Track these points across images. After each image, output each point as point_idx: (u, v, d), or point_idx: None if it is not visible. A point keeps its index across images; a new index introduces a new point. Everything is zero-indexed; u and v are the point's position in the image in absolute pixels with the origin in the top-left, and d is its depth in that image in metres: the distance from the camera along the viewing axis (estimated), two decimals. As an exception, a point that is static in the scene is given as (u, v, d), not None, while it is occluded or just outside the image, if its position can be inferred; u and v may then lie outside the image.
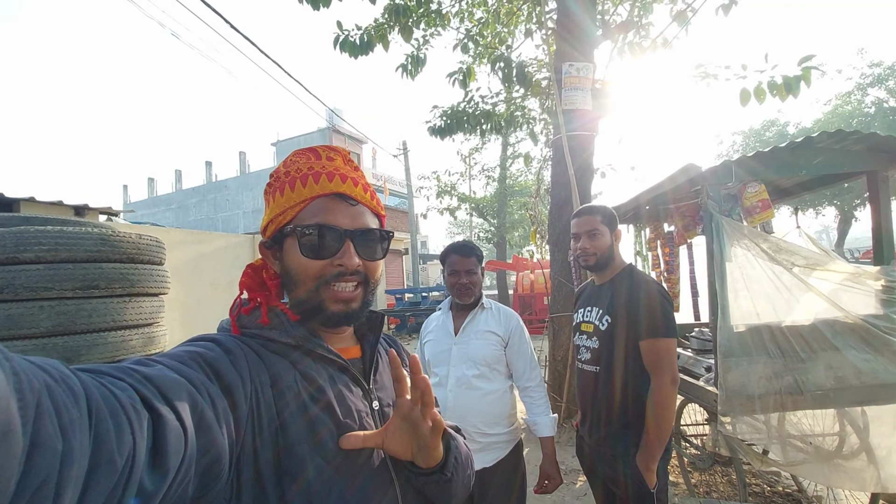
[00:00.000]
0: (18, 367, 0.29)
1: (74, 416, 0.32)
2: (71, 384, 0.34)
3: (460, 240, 1.94)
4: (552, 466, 1.77)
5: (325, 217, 0.68)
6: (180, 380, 0.48)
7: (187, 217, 23.86)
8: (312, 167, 0.70)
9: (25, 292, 2.62)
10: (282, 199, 0.69)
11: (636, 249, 4.37)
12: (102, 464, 0.34)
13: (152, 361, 0.51)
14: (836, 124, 14.87)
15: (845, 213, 17.41)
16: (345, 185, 0.70)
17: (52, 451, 0.29)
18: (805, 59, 3.38)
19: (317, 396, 0.64)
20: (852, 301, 2.24)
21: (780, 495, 2.87)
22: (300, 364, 0.66)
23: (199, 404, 0.48)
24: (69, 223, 3.00)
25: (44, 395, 0.30)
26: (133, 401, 0.40)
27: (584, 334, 1.80)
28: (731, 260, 2.30)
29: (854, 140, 2.26)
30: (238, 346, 0.62)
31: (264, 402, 0.59)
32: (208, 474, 0.49)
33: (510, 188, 15.35)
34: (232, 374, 0.57)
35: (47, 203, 4.44)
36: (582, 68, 4.10)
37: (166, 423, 0.42)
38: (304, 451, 0.60)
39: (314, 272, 0.67)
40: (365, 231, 0.71)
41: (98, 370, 0.43)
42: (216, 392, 0.53)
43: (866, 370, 2.14)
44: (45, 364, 0.34)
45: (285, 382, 0.62)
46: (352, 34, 4.92)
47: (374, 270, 0.73)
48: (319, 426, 0.62)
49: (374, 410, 0.71)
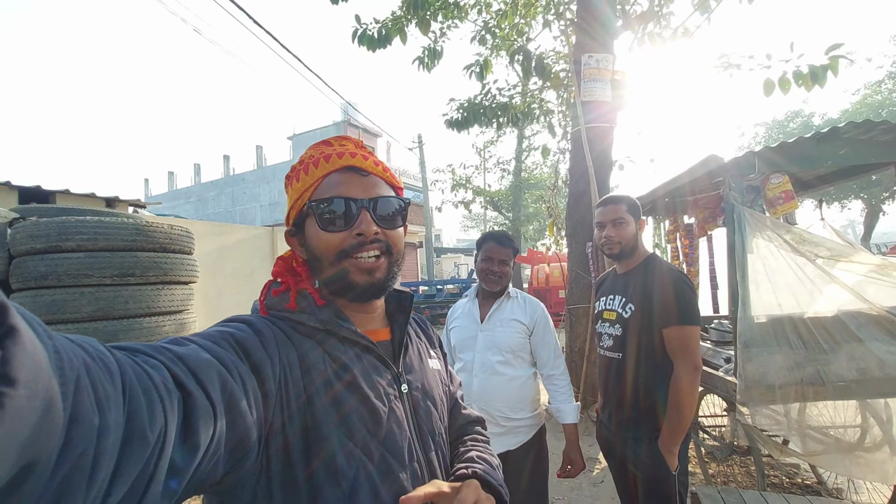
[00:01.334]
0: (60, 345, 0.31)
1: (110, 393, 0.34)
2: (107, 362, 0.36)
3: (499, 230, 2.00)
4: (575, 452, 1.81)
5: (339, 189, 0.69)
6: (211, 360, 0.50)
7: (206, 210, 24.32)
8: (323, 151, 0.72)
9: (68, 279, 2.76)
10: (298, 184, 0.72)
11: (655, 242, 4.36)
12: (135, 438, 0.35)
13: (186, 341, 0.52)
14: (865, 114, 14.37)
15: (872, 207, 16.87)
16: (354, 159, 0.71)
17: (89, 425, 0.31)
18: (832, 47, 3.32)
19: (344, 378, 0.65)
20: (877, 293, 2.22)
21: (799, 486, 2.87)
22: (328, 346, 0.67)
23: (229, 384, 0.50)
24: (105, 214, 3.14)
25: (82, 372, 0.32)
26: (165, 380, 0.42)
27: (607, 322, 1.84)
28: (753, 251, 2.30)
29: (882, 130, 2.23)
30: (268, 327, 0.63)
31: (292, 382, 0.60)
32: (237, 451, 0.51)
33: (525, 181, 15.27)
34: (261, 354, 0.58)
35: (81, 195, 4.62)
36: (602, 59, 4.08)
37: (196, 401, 0.43)
38: (331, 431, 0.61)
39: (335, 245, 0.68)
40: (379, 199, 0.71)
41: (134, 349, 0.45)
42: (246, 371, 0.54)
43: (890, 362, 2.13)
44: (84, 342, 0.36)
45: (313, 364, 0.63)
46: (370, 28, 4.97)
47: (396, 240, 0.73)
48: (346, 407, 0.63)
49: (403, 393, 0.72)
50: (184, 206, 25.17)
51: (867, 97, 15.90)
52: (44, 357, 0.28)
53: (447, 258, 26.75)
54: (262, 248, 7.56)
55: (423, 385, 0.77)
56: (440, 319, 11.56)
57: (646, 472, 1.66)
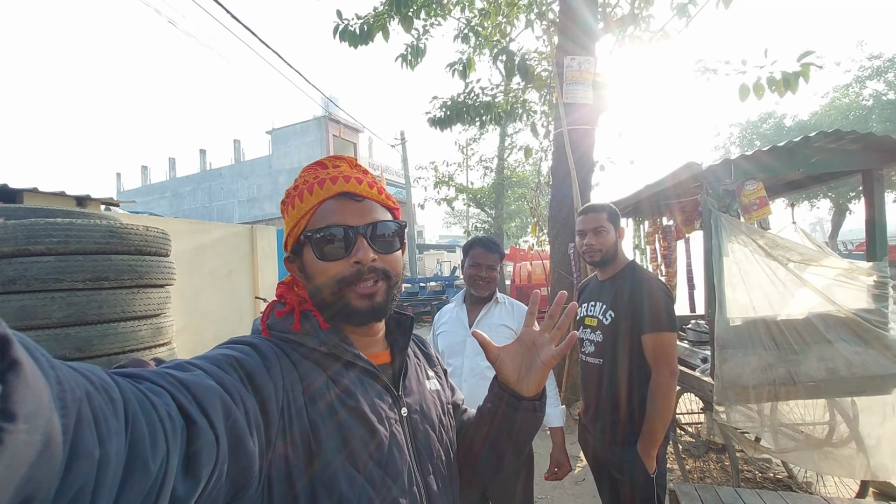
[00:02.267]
0: (62, 375, 0.31)
1: (112, 424, 0.33)
2: (110, 391, 0.35)
3: (486, 235, 2.01)
4: (562, 455, 1.85)
5: (334, 218, 0.69)
6: (215, 387, 0.49)
7: (181, 206, 23.70)
8: (318, 176, 0.71)
9: (37, 284, 2.65)
10: (293, 211, 0.71)
11: (635, 243, 4.44)
12: (137, 470, 0.35)
13: (190, 366, 0.52)
14: (834, 117, 14.89)
15: (840, 206, 17.56)
16: (348, 184, 0.71)
17: (90, 459, 0.30)
18: (804, 55, 3.42)
19: (347, 402, 0.64)
20: (845, 296, 2.32)
21: (771, 481, 2.98)
22: (331, 370, 0.66)
23: (233, 411, 0.49)
24: (76, 215, 3.03)
25: (84, 402, 0.31)
26: (169, 408, 0.42)
27: (588, 328, 1.87)
28: (729, 255, 2.37)
29: (850, 139, 2.32)
30: (271, 350, 0.63)
31: (295, 406, 0.60)
32: (239, 480, 0.50)
33: (508, 179, 15.35)
34: (266, 381, 0.57)
35: (50, 194, 4.44)
36: (583, 62, 4.12)
37: (200, 430, 0.43)
38: (334, 456, 0.60)
39: (333, 274, 0.68)
40: (375, 224, 0.71)
41: (138, 375, 0.44)
42: (248, 397, 0.54)
43: (857, 362, 2.23)
44: (87, 371, 0.35)
45: (315, 387, 0.63)
46: (352, 23, 4.90)
47: (394, 263, 0.73)
48: (349, 431, 0.63)
49: (403, 417, 0.72)
50: (158, 202, 24.47)
51: (835, 100, 16.48)
52: (45, 390, 0.27)
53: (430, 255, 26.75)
54: (242, 246, 7.40)
55: (422, 407, 0.77)
56: (423, 317, 11.56)
57: (626, 476, 1.70)
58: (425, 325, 10.67)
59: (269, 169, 21.08)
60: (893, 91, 14.89)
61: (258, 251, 7.42)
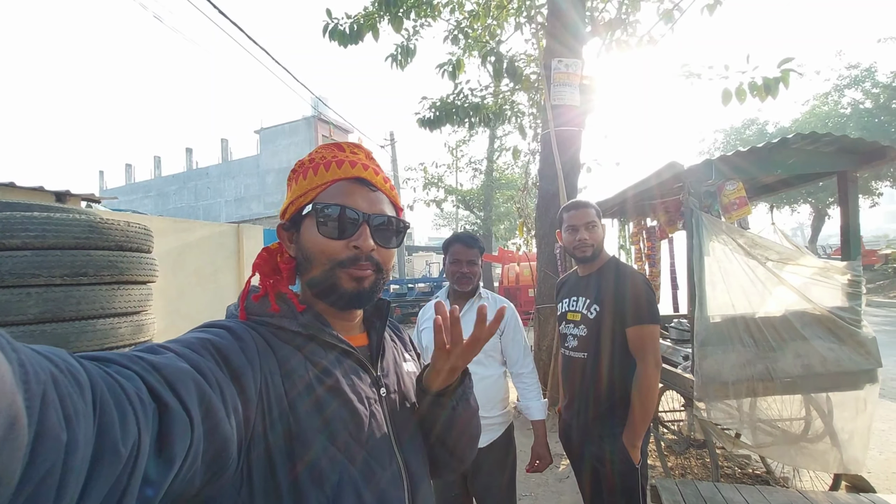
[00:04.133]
0: (25, 358, 0.30)
1: (79, 407, 0.33)
2: (76, 374, 0.35)
3: (464, 231, 2.01)
4: (543, 447, 1.86)
5: (345, 199, 0.70)
6: (188, 369, 0.48)
7: (167, 205, 23.36)
8: (336, 156, 0.72)
9: (12, 279, 2.58)
10: (304, 181, 0.71)
11: (620, 243, 4.50)
12: (106, 453, 0.34)
13: (162, 349, 0.51)
14: (813, 124, 15.27)
15: (819, 211, 18.01)
16: (366, 172, 0.72)
17: (56, 442, 0.30)
18: (784, 61, 3.50)
19: (326, 383, 0.65)
20: (821, 294, 2.38)
21: (749, 476, 3.04)
22: (308, 352, 0.66)
23: (207, 393, 0.48)
24: (54, 209, 2.96)
25: (49, 386, 0.31)
26: (139, 391, 0.41)
27: (571, 323, 1.89)
28: (710, 254, 2.42)
29: (827, 142, 2.39)
30: (247, 333, 0.62)
31: (273, 387, 0.59)
32: (216, 462, 0.49)
33: (497, 181, 15.44)
34: (241, 361, 0.57)
35: (28, 189, 4.34)
36: (571, 64, 4.17)
37: (172, 412, 0.42)
38: (314, 436, 0.60)
39: (330, 252, 0.68)
40: (382, 217, 0.72)
41: (106, 358, 0.43)
42: (225, 380, 0.53)
43: (831, 359, 2.29)
44: (52, 354, 0.34)
45: (294, 370, 0.63)
46: (341, 23, 4.90)
47: (388, 259, 0.74)
48: (329, 411, 0.63)
49: (382, 397, 0.72)
50: (142, 201, 24.07)
51: (815, 108, 16.92)
52: (7, 371, 0.27)
53: (419, 257, 26.70)
54: (227, 245, 7.30)
55: (401, 388, 0.78)
56: (411, 318, 11.53)
57: (611, 468, 1.72)
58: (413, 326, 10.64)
59: (257, 168, 20.89)
60: (870, 100, 15.32)
61: (244, 250, 7.33)
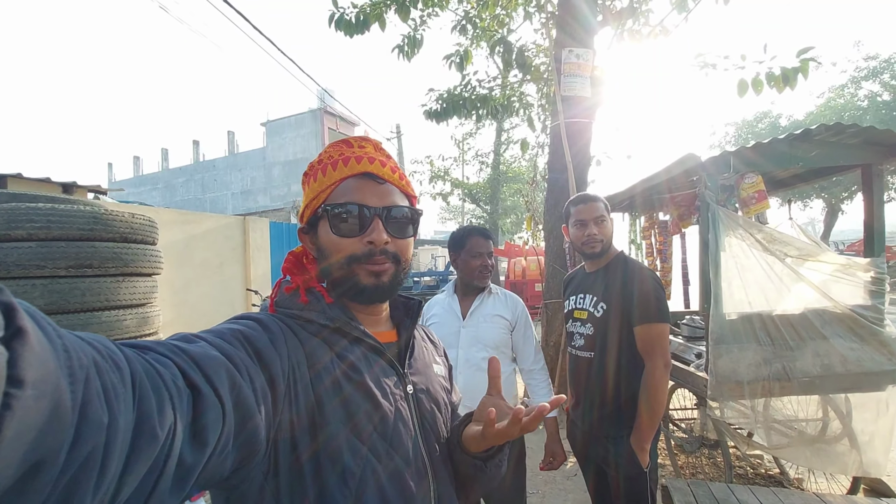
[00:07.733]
0: (69, 344, 0.31)
1: (119, 391, 0.34)
2: (117, 360, 0.36)
3: (475, 224, 1.97)
4: (556, 444, 1.83)
5: (354, 196, 0.70)
6: (221, 358, 0.50)
7: (174, 197, 23.46)
8: (343, 153, 0.73)
9: (17, 270, 2.57)
10: (315, 184, 0.73)
11: (630, 238, 4.41)
12: (145, 437, 0.36)
13: (196, 338, 0.53)
14: (829, 117, 14.96)
15: (832, 206, 17.68)
16: (372, 165, 0.73)
17: (98, 423, 0.31)
18: (803, 50, 3.39)
19: (352, 377, 0.66)
20: (842, 291, 2.30)
21: (762, 477, 2.98)
22: (336, 345, 0.68)
23: (238, 382, 0.50)
24: (59, 201, 2.94)
25: (91, 370, 0.32)
26: (175, 378, 0.42)
27: (578, 321, 1.83)
28: (726, 249, 2.34)
29: (851, 133, 2.29)
30: (277, 326, 0.63)
31: (301, 380, 0.61)
32: (246, 449, 0.51)
33: (504, 174, 15.30)
34: (270, 352, 0.58)
35: (35, 180, 4.33)
36: (582, 55, 4.07)
37: (206, 399, 0.44)
38: (339, 429, 0.62)
39: (345, 250, 0.70)
40: (393, 208, 0.72)
41: (144, 346, 0.45)
42: (255, 369, 0.55)
43: (852, 358, 2.21)
44: (94, 340, 0.35)
45: (322, 362, 0.64)
46: (347, 12, 4.82)
47: (405, 249, 0.75)
48: (354, 405, 0.64)
49: (409, 394, 0.73)
50: (150, 193, 24.20)
51: (831, 100, 16.54)
52: (52, 357, 0.28)
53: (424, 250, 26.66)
54: (234, 237, 7.30)
55: (428, 388, 0.79)
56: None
57: (618, 470, 1.67)
58: (419, 320, 10.62)
59: (264, 161, 20.89)
60: (889, 92, 14.96)
61: (250, 243, 7.33)
